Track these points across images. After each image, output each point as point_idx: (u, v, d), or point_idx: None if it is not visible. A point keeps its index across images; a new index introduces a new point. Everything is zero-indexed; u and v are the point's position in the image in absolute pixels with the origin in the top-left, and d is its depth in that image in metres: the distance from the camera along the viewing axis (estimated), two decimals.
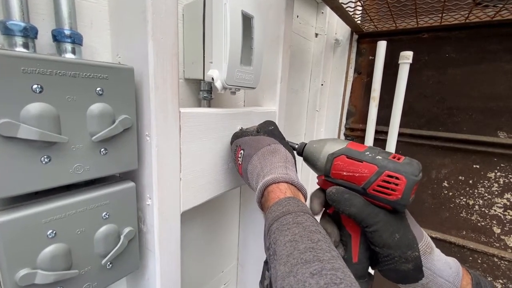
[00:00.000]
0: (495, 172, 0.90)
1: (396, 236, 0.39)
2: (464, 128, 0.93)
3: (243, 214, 0.83)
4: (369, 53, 1.07)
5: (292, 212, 0.34)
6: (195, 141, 0.50)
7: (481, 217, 0.94)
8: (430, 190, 1.01)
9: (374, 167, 0.40)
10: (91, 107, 0.37)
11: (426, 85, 0.98)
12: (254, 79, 0.58)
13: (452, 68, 0.93)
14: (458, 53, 0.92)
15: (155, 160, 0.44)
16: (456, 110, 0.94)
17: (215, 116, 0.53)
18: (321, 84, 1.05)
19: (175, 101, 0.45)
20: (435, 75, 0.96)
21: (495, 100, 0.88)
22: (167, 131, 0.45)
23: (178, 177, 0.48)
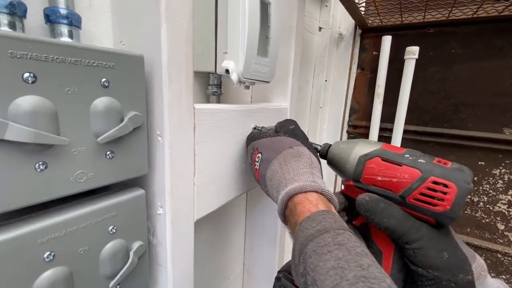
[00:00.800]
0: (500, 169, 0.89)
1: (444, 255, 0.32)
2: (470, 124, 0.92)
3: (249, 217, 0.78)
4: (372, 49, 1.04)
5: (330, 229, 0.28)
6: (209, 141, 0.44)
7: (485, 213, 0.93)
8: None
9: (417, 171, 0.35)
10: (95, 101, 0.30)
11: (431, 81, 0.95)
12: (269, 72, 0.53)
13: (457, 64, 0.91)
14: (464, 49, 0.90)
15: (168, 163, 0.38)
16: (462, 107, 0.92)
17: (230, 113, 0.48)
18: (325, 80, 1.01)
19: (189, 95, 0.39)
20: (440, 71, 0.94)
21: (500, 96, 0.86)
22: (181, 130, 0.39)
23: (192, 181, 0.42)
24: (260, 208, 0.74)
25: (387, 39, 0.96)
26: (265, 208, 0.72)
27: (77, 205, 0.32)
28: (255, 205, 0.75)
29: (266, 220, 0.73)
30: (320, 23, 0.97)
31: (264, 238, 0.75)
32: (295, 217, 0.33)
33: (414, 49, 0.92)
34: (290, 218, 0.34)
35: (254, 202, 0.76)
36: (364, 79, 1.07)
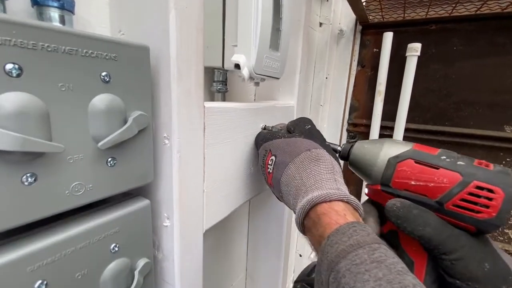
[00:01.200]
0: None
1: (485, 266, 0.30)
2: (471, 122, 0.91)
3: (252, 221, 0.74)
4: (373, 45, 1.02)
5: (364, 244, 0.24)
6: (219, 143, 0.40)
7: None
8: None
9: (457, 175, 0.32)
10: (94, 99, 0.25)
11: (433, 79, 0.94)
12: (280, 67, 0.48)
13: (459, 61, 0.90)
14: (466, 46, 0.88)
15: (176, 169, 0.33)
16: (463, 105, 0.91)
17: (240, 112, 0.43)
18: (325, 77, 0.98)
19: (199, 92, 0.34)
20: (442, 69, 0.92)
21: (502, 94, 0.86)
22: (191, 132, 0.34)
23: (201, 188, 0.38)
24: (264, 212, 0.70)
25: (388, 36, 0.94)
26: (270, 212, 0.68)
27: (73, 222, 0.27)
28: (259, 210, 0.71)
29: (270, 225, 0.69)
30: (320, 19, 0.93)
31: (268, 244, 0.72)
32: (319, 229, 0.29)
33: (416, 46, 0.90)
34: (313, 230, 0.30)
35: (257, 206, 0.72)
36: (364, 77, 1.04)
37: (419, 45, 0.89)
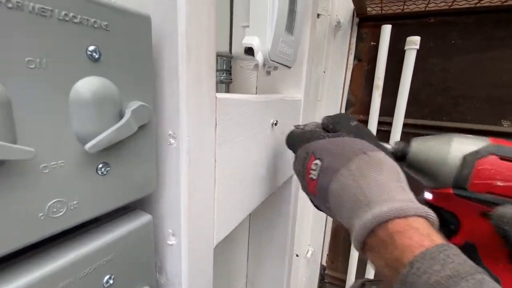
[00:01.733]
0: None
1: None
2: (469, 117, 0.89)
3: (253, 224, 0.68)
4: (370, 39, 0.98)
5: (467, 275, 0.19)
6: (229, 142, 0.33)
7: None
8: None
9: None
10: (78, 84, 0.18)
11: (431, 73, 0.91)
12: (293, 54, 0.42)
13: (458, 55, 0.88)
14: (465, 40, 0.86)
15: (185, 175, 0.26)
16: (461, 99, 0.89)
17: (253, 105, 0.37)
18: (323, 72, 0.93)
19: (211, 80, 0.28)
20: (441, 63, 0.90)
21: (500, 88, 0.84)
22: (202, 128, 0.27)
23: (212, 196, 0.31)
24: (266, 215, 0.64)
25: (387, 28, 0.90)
26: (273, 215, 0.63)
27: (52, 253, 0.19)
28: (260, 212, 0.65)
29: (273, 229, 0.64)
30: (319, 9, 0.88)
31: (271, 249, 0.66)
32: (394, 252, 0.22)
33: (415, 39, 0.87)
34: (382, 251, 0.24)
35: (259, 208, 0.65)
36: (361, 71, 1.00)
37: (418, 38, 0.86)
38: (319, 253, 1.11)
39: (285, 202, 0.59)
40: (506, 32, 0.82)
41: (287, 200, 0.59)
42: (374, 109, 0.96)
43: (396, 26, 0.92)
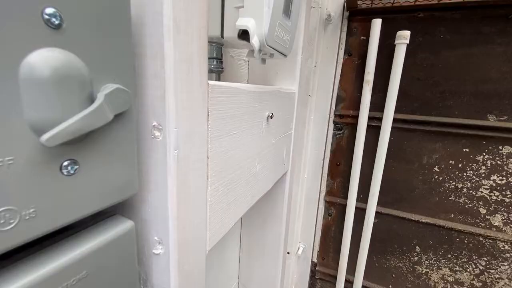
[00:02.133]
0: (483, 155, 0.88)
1: None
2: (456, 112, 0.89)
3: (245, 223, 0.64)
4: (360, 33, 0.96)
5: None
6: (224, 136, 0.29)
7: (468, 199, 0.93)
8: (421, 176, 0.96)
9: None
10: (30, 57, 0.14)
11: (420, 68, 0.90)
12: (290, 41, 0.39)
13: (446, 50, 0.87)
14: (452, 35, 0.86)
15: (172, 174, 0.22)
16: (449, 94, 0.89)
17: (248, 95, 0.33)
18: (314, 66, 0.90)
19: (203, 62, 0.24)
20: (429, 58, 0.89)
21: (486, 83, 0.85)
22: (192, 119, 0.23)
23: (205, 197, 0.27)
24: (259, 212, 0.61)
25: (377, 23, 0.88)
26: (266, 212, 0.59)
27: (4, 276, 0.15)
28: (253, 210, 0.62)
29: (266, 227, 0.60)
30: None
31: (264, 248, 0.63)
32: None
33: (405, 34, 0.85)
34: None
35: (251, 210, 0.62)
36: (351, 66, 0.98)
37: (408, 32, 0.85)
38: (310, 249, 1.09)
39: (279, 200, 0.56)
40: (492, 28, 0.82)
41: (281, 198, 0.56)
42: (364, 105, 0.94)
43: (386, 20, 0.90)
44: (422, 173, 0.97)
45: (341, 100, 1.02)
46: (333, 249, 1.11)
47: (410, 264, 1.01)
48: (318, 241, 1.12)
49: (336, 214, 1.09)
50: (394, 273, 1.04)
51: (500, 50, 0.82)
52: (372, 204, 0.98)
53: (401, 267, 1.02)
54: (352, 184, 1.00)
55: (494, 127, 0.86)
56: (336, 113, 1.03)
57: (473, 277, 0.96)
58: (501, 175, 0.89)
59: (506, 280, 0.92)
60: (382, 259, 1.04)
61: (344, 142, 1.04)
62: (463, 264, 0.96)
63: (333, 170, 1.07)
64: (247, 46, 0.33)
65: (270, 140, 0.43)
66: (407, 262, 1.02)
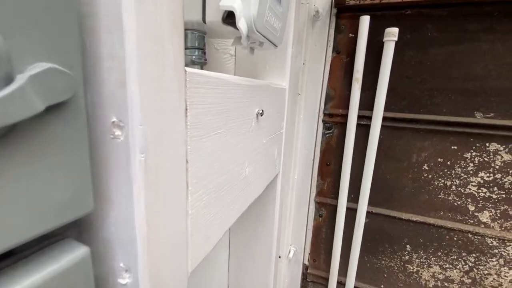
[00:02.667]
0: (471, 152, 0.88)
1: None
2: (444, 109, 0.88)
3: (234, 226, 0.59)
4: (349, 30, 0.93)
5: None
6: (207, 135, 0.24)
7: (457, 196, 0.91)
8: (410, 174, 0.94)
9: None
10: None
11: (408, 65, 0.89)
12: (281, 30, 0.34)
13: (433, 47, 0.86)
14: (440, 32, 0.84)
15: (139, 185, 0.17)
16: (437, 92, 0.87)
17: (235, 88, 0.28)
18: (302, 63, 0.87)
19: (178, 43, 0.19)
20: (417, 55, 0.87)
21: (472, 81, 0.84)
22: (164, 114, 0.18)
23: (185, 210, 0.22)
24: (249, 215, 0.56)
25: (365, 20, 0.86)
26: (256, 214, 0.54)
27: None
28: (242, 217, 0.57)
29: (257, 230, 0.56)
30: None
31: (255, 252, 0.58)
32: None
33: (394, 31, 0.83)
34: None
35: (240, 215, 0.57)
36: (340, 64, 0.96)
37: (397, 29, 0.83)
38: (301, 252, 1.05)
39: (270, 204, 0.51)
40: (478, 25, 0.81)
41: (272, 201, 0.51)
42: (353, 103, 0.91)
43: (374, 17, 0.88)
44: (412, 171, 0.95)
45: (330, 99, 0.99)
46: (324, 250, 1.08)
47: (401, 263, 0.99)
48: (309, 243, 1.08)
49: (327, 215, 1.06)
50: (385, 273, 1.01)
51: (486, 48, 0.81)
52: (363, 204, 0.95)
53: (392, 266, 1.00)
54: (342, 184, 0.97)
55: (481, 124, 0.85)
56: (325, 112, 1.00)
57: (463, 274, 0.95)
58: (488, 171, 0.88)
59: (495, 275, 0.92)
60: (373, 259, 1.02)
61: (334, 142, 1.01)
62: (452, 261, 0.95)
63: (323, 170, 1.03)
64: (233, 33, 0.28)
65: (261, 140, 0.38)
66: (398, 261, 1.00)
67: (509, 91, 0.82)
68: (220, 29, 0.29)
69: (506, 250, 0.90)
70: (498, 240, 0.89)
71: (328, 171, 1.03)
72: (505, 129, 0.84)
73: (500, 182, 0.87)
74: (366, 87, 0.92)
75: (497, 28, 0.81)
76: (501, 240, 0.89)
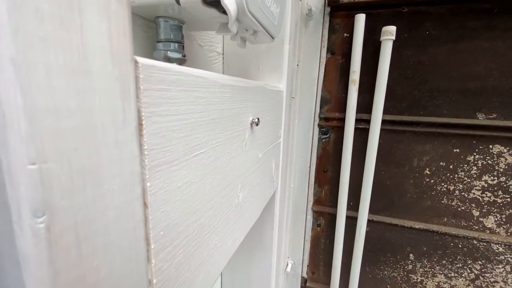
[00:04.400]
0: (474, 155, 0.82)
1: None
2: (445, 111, 0.82)
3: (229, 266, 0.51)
4: (343, 30, 0.86)
5: None
6: (180, 160, 0.16)
7: (461, 201, 0.86)
8: (412, 179, 0.88)
9: None
10: None
11: (407, 65, 0.83)
12: (279, 16, 0.26)
13: (432, 46, 0.80)
14: (438, 30, 0.79)
15: (34, 272, 0.09)
16: (437, 92, 0.82)
17: (227, 89, 0.20)
18: (296, 65, 0.79)
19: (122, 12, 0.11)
20: (416, 54, 0.81)
21: (474, 80, 0.78)
22: (91, 136, 0.10)
23: (145, 280, 0.14)
24: (243, 251, 0.48)
25: (360, 18, 0.79)
26: (252, 251, 0.46)
27: None
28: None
29: (253, 266, 0.47)
30: None
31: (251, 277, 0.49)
32: None
33: (391, 29, 0.77)
34: None
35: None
36: (335, 65, 0.89)
37: (394, 28, 0.77)
38: (299, 265, 0.97)
39: (267, 227, 0.43)
40: (478, 23, 0.75)
41: (270, 224, 0.43)
42: (351, 106, 0.85)
43: (369, 16, 0.81)
44: (413, 176, 0.89)
45: (325, 102, 0.92)
46: (323, 262, 1.00)
47: (405, 273, 0.92)
48: (308, 255, 1.00)
49: (326, 224, 0.98)
50: (388, 284, 0.94)
51: (486, 46, 0.76)
52: (363, 211, 0.88)
53: (395, 276, 0.93)
54: (341, 192, 0.90)
55: (483, 125, 0.79)
56: (321, 116, 0.93)
57: (469, 283, 0.88)
58: (492, 175, 0.82)
59: (502, 283, 0.86)
60: (375, 269, 0.95)
61: (331, 147, 0.93)
62: (458, 269, 0.89)
63: (320, 177, 0.96)
64: (218, 18, 0.20)
65: (256, 155, 0.30)
66: (402, 271, 0.93)
67: (511, 90, 0.77)
68: (201, 14, 0.21)
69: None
70: (504, 246, 0.84)
71: (326, 178, 0.96)
72: (509, 130, 0.79)
73: (504, 186, 0.81)
74: (363, 89, 0.85)
75: (498, 25, 0.76)
76: (507, 246, 0.84)
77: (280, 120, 0.40)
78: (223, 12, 0.20)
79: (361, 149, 0.87)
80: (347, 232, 0.92)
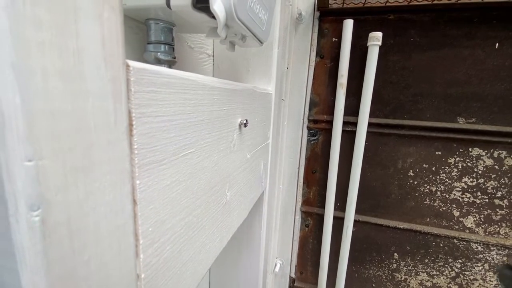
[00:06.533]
0: (455, 158, 0.86)
1: None
2: (428, 115, 0.85)
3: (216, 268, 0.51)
4: (332, 34, 0.88)
5: None
6: (169, 159, 0.17)
7: (442, 202, 0.89)
8: (396, 181, 0.91)
9: None
10: None
11: (392, 70, 0.86)
12: (267, 22, 0.28)
13: (416, 53, 0.83)
14: (422, 37, 0.82)
15: (33, 267, 0.09)
16: (420, 97, 0.85)
17: (216, 92, 0.21)
18: (286, 68, 0.81)
19: (115, 16, 0.11)
20: (401, 60, 0.85)
21: (454, 86, 0.82)
22: (85, 134, 0.11)
23: (133, 274, 0.14)
24: (232, 251, 0.48)
25: (349, 24, 0.82)
26: (241, 250, 0.47)
27: None
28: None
29: (241, 266, 0.48)
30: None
31: (239, 283, 0.50)
32: None
33: (377, 35, 0.79)
34: None
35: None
36: (323, 69, 0.91)
37: (381, 34, 0.79)
38: (287, 265, 0.98)
39: (256, 226, 0.44)
40: (459, 31, 0.79)
41: (258, 224, 0.44)
42: (338, 109, 0.87)
43: (357, 22, 0.84)
44: (398, 177, 0.92)
45: (314, 105, 0.94)
46: (311, 262, 1.02)
47: (389, 271, 0.95)
48: (296, 255, 1.02)
49: (314, 224, 1.00)
50: (374, 283, 0.97)
51: (466, 53, 0.80)
52: (350, 212, 0.90)
53: (380, 275, 0.96)
54: (329, 192, 0.92)
55: (463, 129, 0.83)
56: (310, 118, 0.95)
57: (450, 280, 0.92)
58: (471, 176, 0.86)
59: (480, 281, 0.90)
60: (361, 268, 0.97)
61: (319, 148, 0.95)
62: (439, 268, 0.92)
63: (308, 178, 0.98)
64: (208, 23, 0.21)
65: (244, 155, 0.31)
66: (386, 270, 0.95)
67: (489, 96, 0.81)
68: (191, 18, 0.22)
69: (490, 255, 0.88)
70: (483, 245, 0.88)
71: (314, 179, 0.98)
72: (487, 134, 0.83)
73: (483, 187, 0.85)
74: (351, 93, 0.88)
75: (477, 34, 0.80)
76: (486, 245, 0.88)
77: (269, 122, 0.41)
78: (213, 17, 0.21)
79: (348, 150, 0.90)
80: (335, 232, 0.94)
